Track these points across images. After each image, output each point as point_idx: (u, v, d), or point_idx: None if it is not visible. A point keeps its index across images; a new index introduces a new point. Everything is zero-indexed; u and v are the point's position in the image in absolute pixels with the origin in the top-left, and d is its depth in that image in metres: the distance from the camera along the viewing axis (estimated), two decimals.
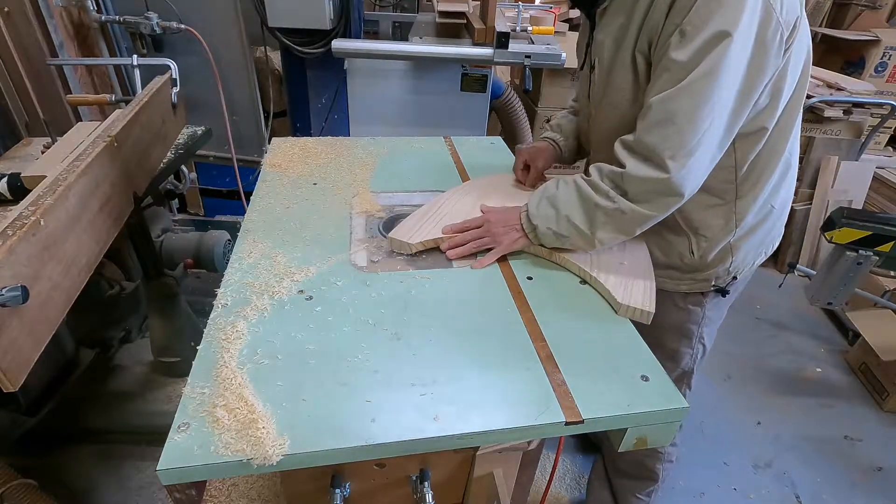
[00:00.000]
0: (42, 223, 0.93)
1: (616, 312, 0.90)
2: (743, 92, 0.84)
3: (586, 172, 1.01)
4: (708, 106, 0.81)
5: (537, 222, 0.97)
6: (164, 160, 1.60)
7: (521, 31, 2.40)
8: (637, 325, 0.88)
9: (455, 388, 0.74)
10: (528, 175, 1.25)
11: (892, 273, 2.29)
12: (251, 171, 2.48)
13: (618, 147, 0.92)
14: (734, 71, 0.81)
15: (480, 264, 1.00)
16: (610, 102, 1.01)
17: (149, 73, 1.79)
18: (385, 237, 1.08)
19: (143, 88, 1.59)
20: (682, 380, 1.29)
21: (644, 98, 0.90)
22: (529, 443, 0.92)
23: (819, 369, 2.34)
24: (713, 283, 1.13)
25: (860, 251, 1.79)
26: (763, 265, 1.18)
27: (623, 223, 0.92)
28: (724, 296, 1.16)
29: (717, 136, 0.85)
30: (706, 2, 0.78)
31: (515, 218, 1.02)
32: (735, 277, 1.14)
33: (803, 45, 0.89)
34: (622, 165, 0.90)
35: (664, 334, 1.21)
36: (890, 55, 3.29)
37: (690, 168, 0.85)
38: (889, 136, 3.10)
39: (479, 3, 2.27)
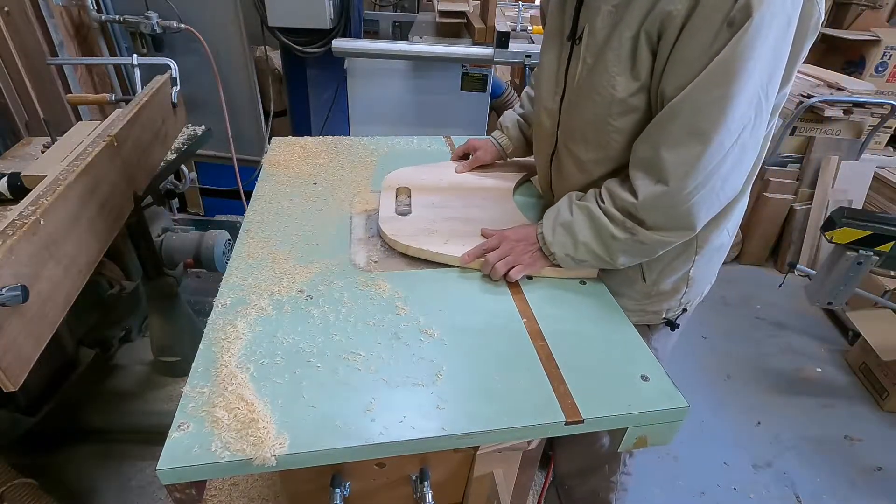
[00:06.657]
0: (42, 223, 0.93)
1: None
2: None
3: (593, 185, 0.94)
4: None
5: (555, 249, 0.92)
6: (163, 160, 1.60)
7: (521, 30, 2.41)
8: None
9: (455, 388, 0.74)
10: (465, 162, 1.32)
11: (892, 273, 2.29)
12: (251, 170, 2.48)
13: (634, 167, 0.82)
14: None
15: (511, 279, 0.94)
16: (593, 86, 0.86)
17: (149, 72, 1.79)
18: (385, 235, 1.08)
19: (143, 88, 1.59)
20: None
21: (655, 97, 0.79)
22: (529, 442, 0.92)
23: (819, 369, 2.34)
24: (664, 315, 1.06)
25: (860, 251, 1.79)
26: (763, 265, 1.16)
27: (643, 251, 0.88)
28: (672, 329, 1.10)
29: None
30: None
31: (533, 237, 0.96)
32: (686, 310, 1.07)
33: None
34: (634, 192, 0.81)
35: None
36: (890, 55, 3.29)
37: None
38: (889, 135, 3.10)
39: (479, 2, 2.27)
